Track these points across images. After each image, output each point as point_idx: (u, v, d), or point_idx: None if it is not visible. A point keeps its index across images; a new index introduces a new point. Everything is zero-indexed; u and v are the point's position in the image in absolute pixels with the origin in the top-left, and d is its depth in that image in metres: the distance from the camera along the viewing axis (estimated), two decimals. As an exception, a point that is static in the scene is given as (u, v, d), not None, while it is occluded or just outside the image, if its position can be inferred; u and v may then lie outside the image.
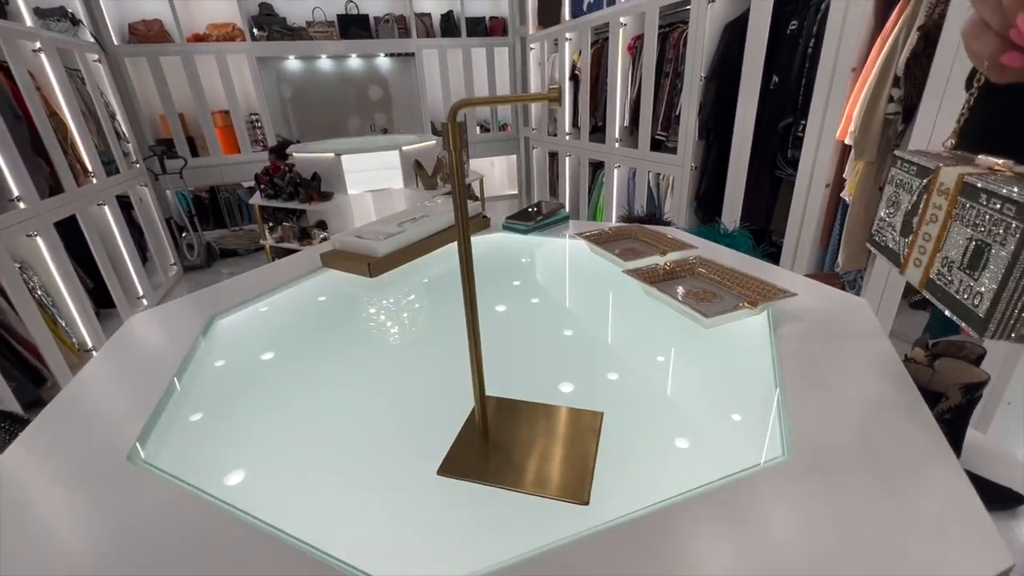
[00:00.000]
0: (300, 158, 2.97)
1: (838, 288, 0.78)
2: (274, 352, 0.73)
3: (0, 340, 1.99)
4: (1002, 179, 0.37)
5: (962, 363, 0.66)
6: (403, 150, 2.93)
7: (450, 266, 1.05)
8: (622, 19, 2.76)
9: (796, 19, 1.90)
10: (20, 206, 2.07)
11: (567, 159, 3.71)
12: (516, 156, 5.10)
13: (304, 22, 4.15)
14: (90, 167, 2.74)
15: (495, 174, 5.44)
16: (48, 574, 0.37)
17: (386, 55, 4.55)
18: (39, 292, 2.21)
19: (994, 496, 0.73)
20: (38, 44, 2.45)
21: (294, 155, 3.01)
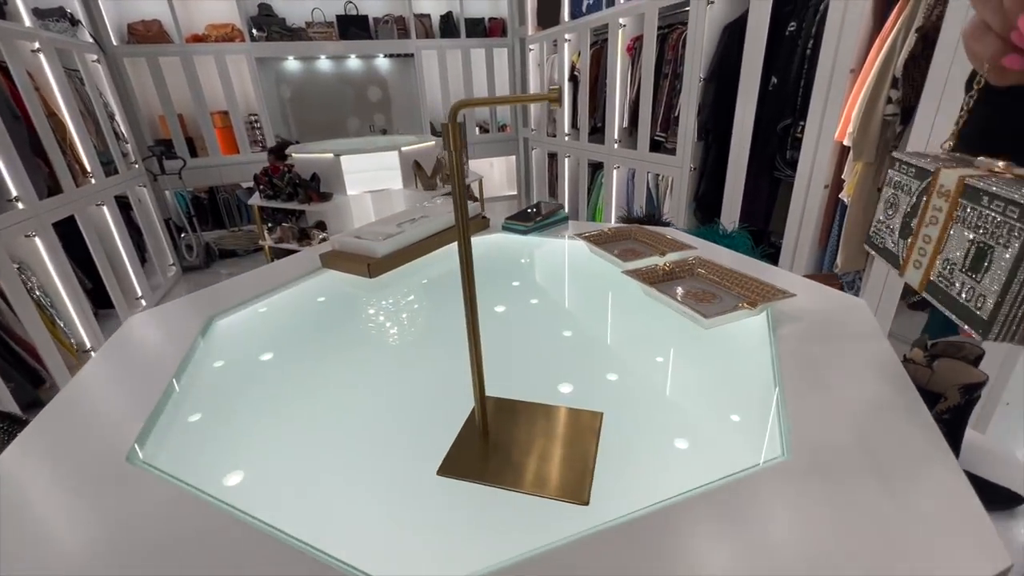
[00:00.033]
0: (299, 159, 2.97)
1: (837, 289, 0.79)
2: (273, 353, 0.73)
3: (-2, 341, 1.99)
4: (1003, 181, 0.37)
5: (961, 363, 0.67)
6: (402, 151, 2.93)
7: (449, 267, 1.05)
8: (621, 20, 2.76)
9: (795, 20, 1.91)
10: (18, 206, 2.07)
11: (566, 160, 3.71)
12: (515, 157, 5.11)
13: (303, 23, 4.15)
14: (89, 167, 2.73)
15: (494, 175, 5.45)
16: (47, 574, 0.37)
17: (385, 56, 4.56)
18: (37, 293, 2.20)
19: (993, 496, 0.73)
20: (37, 44, 2.45)
21: (293, 156, 3.01)
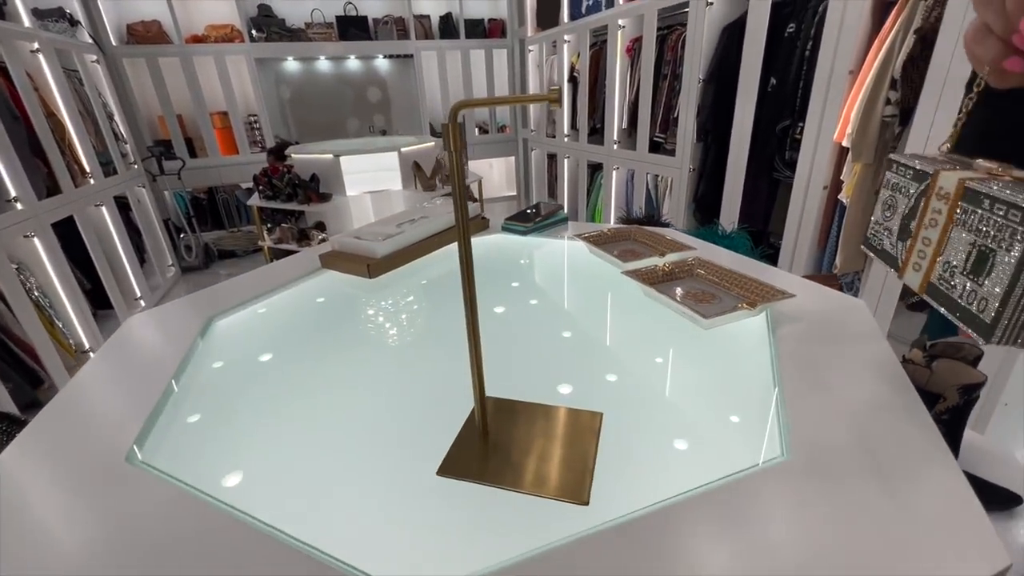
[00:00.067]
0: (299, 159, 2.97)
1: (836, 289, 0.79)
2: (273, 353, 0.73)
3: (-3, 341, 1.99)
4: (1004, 184, 0.37)
5: (960, 364, 0.67)
6: (402, 151, 2.93)
7: (449, 267, 1.05)
8: (620, 21, 2.77)
9: (794, 22, 1.91)
10: (17, 207, 2.07)
11: (566, 161, 3.71)
12: (515, 158, 5.11)
13: (303, 23, 4.15)
14: (88, 168, 2.73)
15: (494, 176, 5.45)
16: (47, 574, 0.37)
17: (385, 57, 4.56)
18: (36, 293, 2.20)
19: (992, 497, 0.73)
20: (36, 45, 2.45)
21: (293, 156, 3.01)
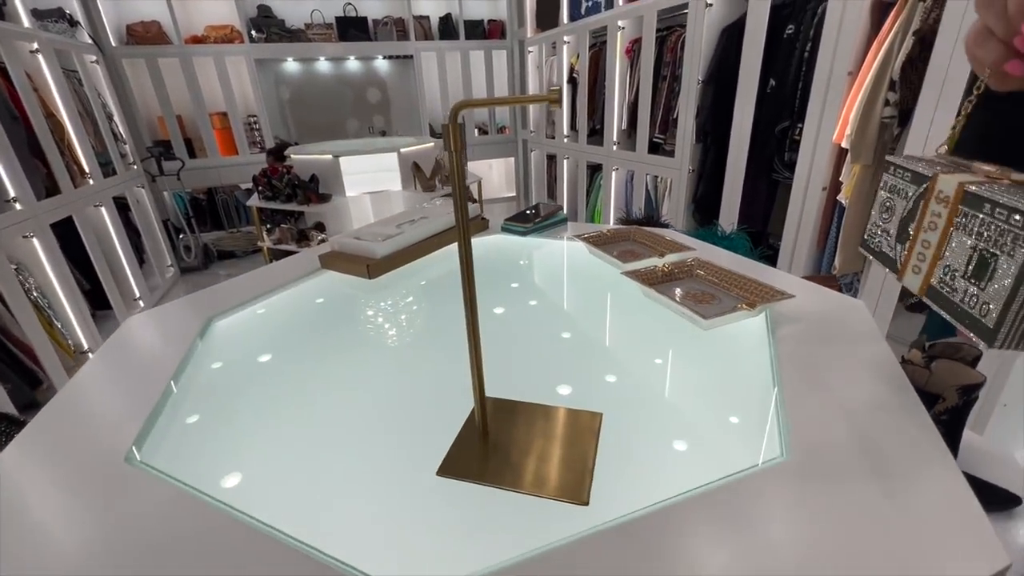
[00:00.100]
0: (298, 160, 2.97)
1: (835, 290, 0.79)
2: (272, 354, 0.73)
3: (-5, 342, 1.98)
4: (1004, 188, 0.36)
5: (959, 365, 0.67)
6: (401, 152, 2.93)
7: (449, 268, 1.05)
8: (620, 23, 2.77)
9: (793, 23, 1.92)
10: (16, 207, 2.06)
11: (565, 162, 3.71)
12: (514, 159, 5.12)
13: (303, 24, 4.15)
14: (87, 168, 2.73)
15: (493, 176, 5.45)
16: (46, 574, 0.37)
17: (384, 57, 4.56)
18: (35, 294, 2.20)
19: (991, 498, 0.73)
20: (35, 45, 2.45)
21: (292, 157, 3.01)
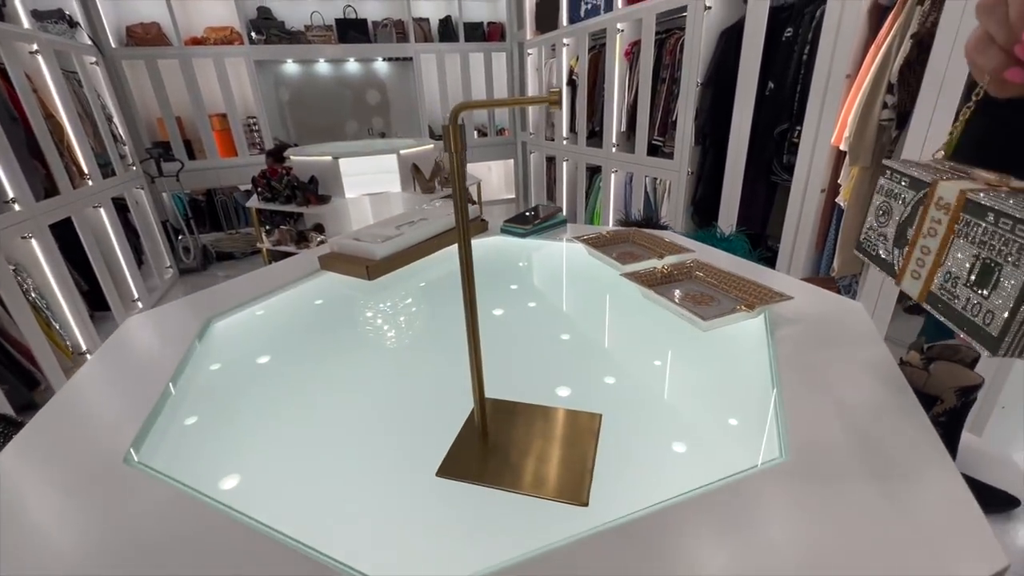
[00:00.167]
0: (297, 161, 2.97)
1: (834, 292, 0.79)
2: (271, 355, 0.73)
3: (-7, 343, 1.98)
4: (1007, 196, 0.36)
5: (957, 366, 0.67)
6: (401, 154, 2.93)
7: (448, 269, 1.05)
8: (619, 25, 2.78)
9: (791, 26, 1.92)
10: (15, 208, 2.06)
11: (564, 164, 3.72)
12: (513, 160, 5.12)
13: (302, 26, 4.16)
14: (86, 169, 2.73)
15: (492, 178, 5.46)
16: (46, 574, 0.37)
17: (384, 59, 4.57)
18: (33, 295, 2.19)
19: (990, 499, 0.73)
20: (35, 46, 2.45)
21: (291, 158, 3.01)
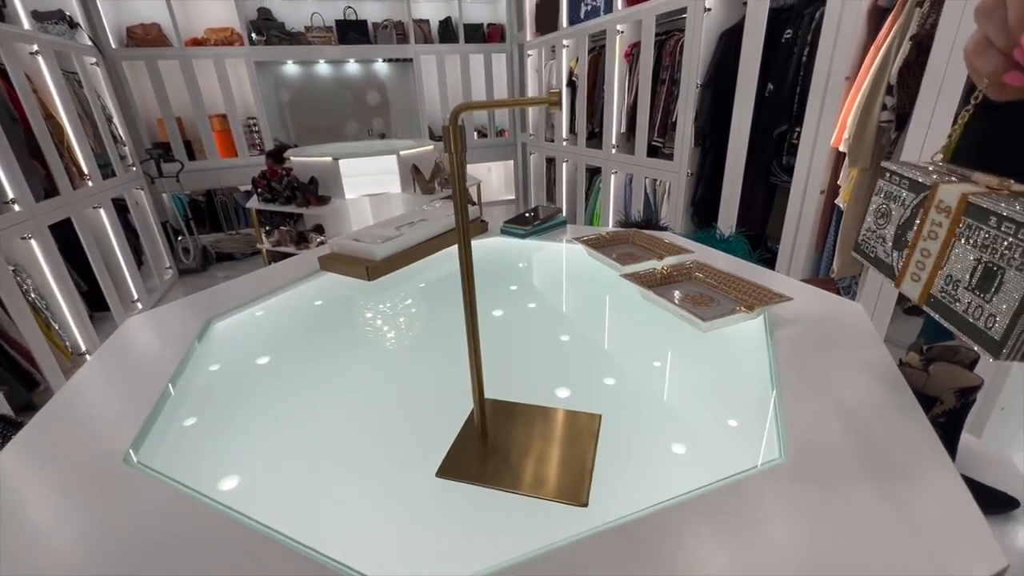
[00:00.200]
0: (297, 162, 2.98)
1: (833, 293, 0.79)
2: (270, 356, 0.73)
3: (-8, 343, 1.98)
4: (1008, 200, 0.36)
5: (956, 367, 0.67)
6: (401, 155, 2.94)
7: (448, 270, 1.05)
8: (619, 27, 2.78)
9: (791, 28, 1.93)
10: (15, 209, 2.06)
11: (564, 165, 3.72)
12: (513, 162, 5.12)
13: (303, 27, 4.16)
14: (86, 170, 2.73)
15: (492, 179, 5.46)
16: (45, 574, 0.37)
17: (384, 60, 4.58)
18: (33, 295, 2.19)
19: (989, 501, 0.73)
20: (35, 47, 2.45)
21: (291, 159, 3.01)
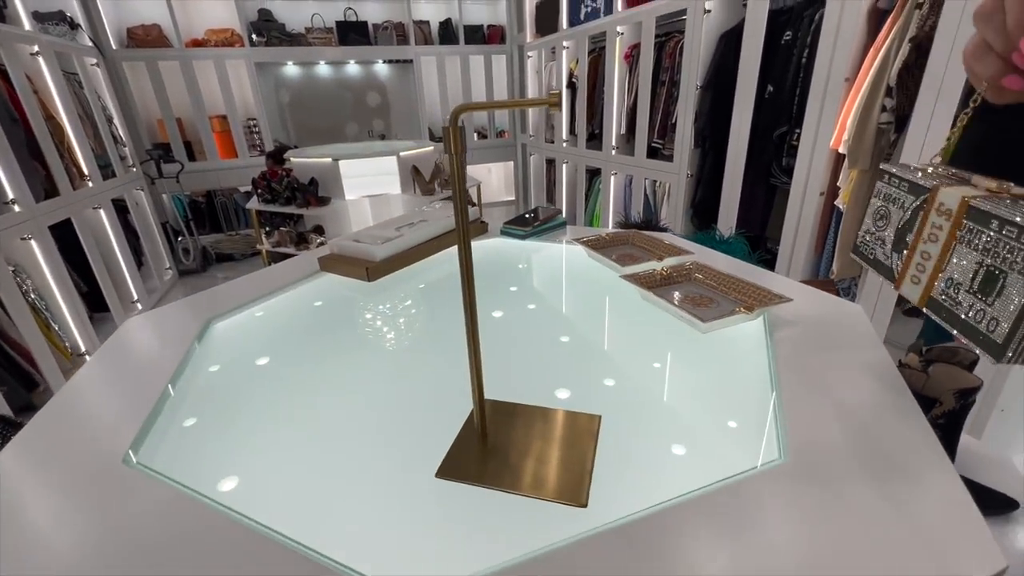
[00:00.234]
0: (298, 163, 2.98)
1: (833, 295, 0.79)
2: (270, 357, 0.73)
3: (-8, 344, 1.98)
4: (1010, 204, 0.36)
5: (956, 369, 0.67)
6: (401, 156, 2.94)
7: (448, 271, 1.05)
8: (619, 28, 2.79)
9: (790, 30, 1.93)
10: (15, 209, 2.06)
11: (564, 166, 3.72)
12: (513, 163, 5.13)
13: (303, 28, 4.17)
14: (86, 171, 2.73)
15: (492, 180, 5.46)
16: (45, 574, 0.37)
17: (384, 62, 4.58)
18: (32, 296, 2.19)
19: (989, 502, 0.73)
20: (36, 48, 2.45)
21: (292, 160, 3.02)
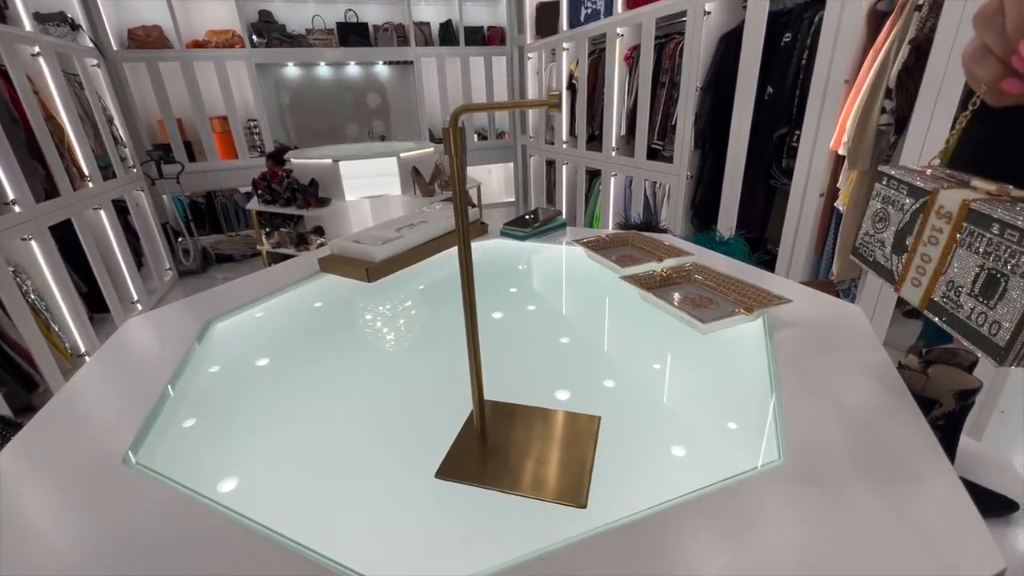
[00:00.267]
0: (298, 164, 2.98)
1: (833, 296, 0.79)
2: (270, 358, 0.73)
3: (-8, 344, 1.98)
4: (1010, 207, 0.36)
5: (955, 370, 0.67)
6: (401, 157, 2.94)
7: (448, 271, 1.05)
8: (619, 30, 2.79)
9: (790, 31, 1.93)
10: (15, 210, 2.06)
11: (564, 167, 3.73)
12: (513, 164, 5.13)
13: (303, 29, 4.18)
14: (87, 171, 2.73)
15: (492, 182, 5.47)
16: (45, 575, 0.37)
17: (385, 63, 4.59)
18: (32, 296, 2.19)
19: (989, 503, 0.73)
20: (37, 49, 2.46)
21: (292, 161, 3.02)
